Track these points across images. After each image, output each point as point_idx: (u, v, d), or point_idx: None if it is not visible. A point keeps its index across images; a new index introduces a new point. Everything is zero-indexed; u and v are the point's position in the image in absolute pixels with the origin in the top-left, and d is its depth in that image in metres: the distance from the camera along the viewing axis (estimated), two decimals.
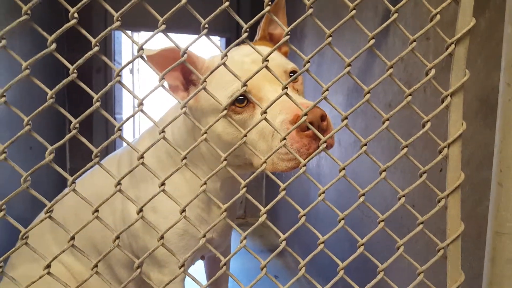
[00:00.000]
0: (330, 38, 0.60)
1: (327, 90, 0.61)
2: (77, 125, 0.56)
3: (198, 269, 1.23)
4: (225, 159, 0.60)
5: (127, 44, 4.53)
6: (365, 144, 0.63)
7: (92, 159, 0.57)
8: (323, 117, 0.70)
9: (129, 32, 4.32)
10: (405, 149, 0.65)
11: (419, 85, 0.64)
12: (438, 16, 0.64)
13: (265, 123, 0.72)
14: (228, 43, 3.08)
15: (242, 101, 0.77)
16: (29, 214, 0.49)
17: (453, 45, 0.63)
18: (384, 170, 0.65)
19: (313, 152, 0.66)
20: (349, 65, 0.61)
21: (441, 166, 0.86)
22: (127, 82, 3.83)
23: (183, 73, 0.84)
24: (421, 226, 0.66)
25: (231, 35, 2.80)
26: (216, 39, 3.60)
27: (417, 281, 0.67)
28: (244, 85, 0.59)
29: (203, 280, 1.93)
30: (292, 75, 0.82)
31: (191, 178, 0.93)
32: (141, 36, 4.28)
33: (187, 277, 1.06)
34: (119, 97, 2.90)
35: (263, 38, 0.93)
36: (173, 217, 0.60)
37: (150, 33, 0.59)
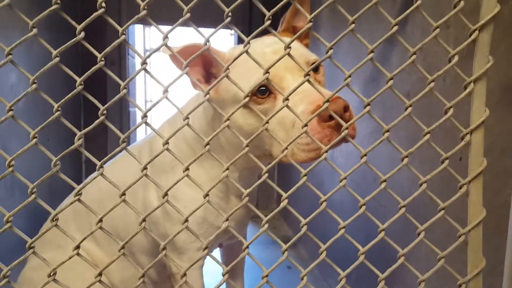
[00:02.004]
0: (353, 25, 0.60)
1: (349, 77, 0.61)
2: (105, 112, 0.57)
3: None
4: (247, 145, 0.61)
5: (139, 38, 4.55)
6: (388, 131, 0.63)
7: (106, 153, 0.58)
8: (346, 108, 0.69)
9: (141, 26, 4.34)
10: (427, 136, 0.65)
11: (442, 71, 0.64)
12: (462, 3, 0.63)
13: (285, 113, 0.73)
14: (240, 38, 3.08)
15: (264, 92, 0.77)
16: (47, 203, 0.51)
17: (477, 31, 0.63)
18: (406, 157, 0.65)
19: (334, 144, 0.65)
20: (372, 51, 0.61)
21: (461, 155, 0.86)
22: (139, 74, 3.85)
23: (204, 67, 0.84)
24: (442, 212, 0.67)
25: (243, 28, 2.80)
26: (229, 32, 3.60)
27: (437, 267, 0.67)
28: (266, 72, 0.60)
29: (218, 271, 1.95)
30: (316, 68, 0.82)
31: (210, 168, 0.94)
32: (153, 30, 4.30)
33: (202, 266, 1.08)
34: (132, 90, 2.93)
35: (286, 30, 0.92)
36: (192, 205, 0.61)
37: (162, 27, 0.60)
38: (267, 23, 0.58)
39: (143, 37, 4.53)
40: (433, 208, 0.92)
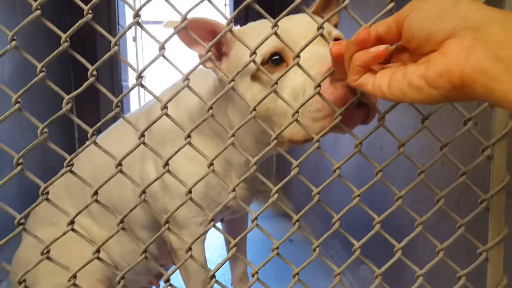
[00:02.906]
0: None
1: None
2: (94, 72, 0.51)
3: (214, 233, 1.22)
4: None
5: (129, 10, 4.38)
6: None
7: (100, 130, 0.52)
8: None
9: None
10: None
11: None
12: None
13: (296, 82, 0.66)
14: (235, 8, 2.97)
15: (278, 61, 0.70)
16: (41, 179, 0.46)
17: None
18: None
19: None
20: None
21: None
22: (130, 50, 3.73)
23: (216, 45, 0.77)
24: (463, 177, 0.62)
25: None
26: (223, 2, 3.47)
27: (458, 234, 0.63)
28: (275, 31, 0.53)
29: (218, 244, 1.94)
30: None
31: (216, 148, 0.88)
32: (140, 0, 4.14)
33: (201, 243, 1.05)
34: (125, 64, 2.83)
35: (315, 13, 0.82)
36: (193, 180, 0.56)
37: None
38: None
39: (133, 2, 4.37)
40: (453, 171, 0.88)
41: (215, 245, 1.89)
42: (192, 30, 0.59)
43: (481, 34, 0.37)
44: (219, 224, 1.25)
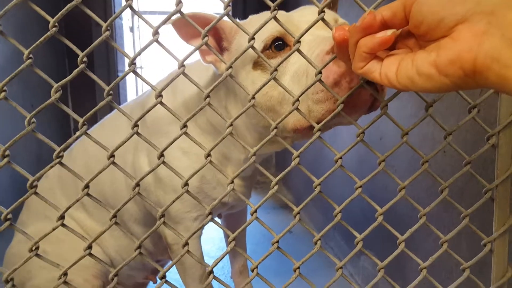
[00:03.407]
0: None
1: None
2: (85, 59, 0.48)
3: (213, 226, 1.20)
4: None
5: None
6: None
7: (96, 120, 0.50)
8: None
9: None
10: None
11: None
12: None
13: (297, 65, 0.64)
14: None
15: (280, 47, 0.67)
16: (35, 171, 0.44)
17: None
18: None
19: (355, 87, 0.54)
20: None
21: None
22: (127, 40, 3.68)
23: (216, 39, 0.74)
24: (468, 166, 0.60)
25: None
26: None
27: (462, 225, 0.61)
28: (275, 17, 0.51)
29: (217, 237, 1.92)
30: None
31: (213, 143, 0.85)
32: None
33: (197, 236, 1.03)
34: (121, 53, 2.79)
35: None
36: (188, 173, 0.53)
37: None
38: None
39: None
40: (458, 161, 0.86)
41: (213, 238, 1.87)
42: (190, 25, 0.56)
43: (495, 18, 0.34)
44: (217, 219, 1.23)
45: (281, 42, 0.67)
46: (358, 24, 0.44)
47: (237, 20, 0.77)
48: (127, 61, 0.51)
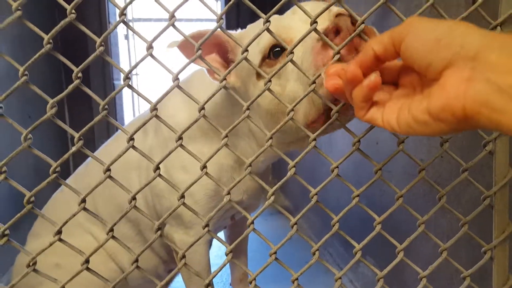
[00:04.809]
0: None
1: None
2: (80, 74, 0.48)
3: (218, 233, 1.20)
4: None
5: (121, 5, 4.32)
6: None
7: (93, 132, 0.50)
8: (353, 20, 0.55)
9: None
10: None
11: (466, 13, 0.56)
12: None
13: (296, 59, 0.63)
14: (227, 3, 2.93)
15: (279, 53, 0.67)
16: (33, 185, 0.44)
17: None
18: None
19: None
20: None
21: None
22: (122, 48, 3.69)
23: (221, 54, 0.74)
24: (465, 173, 0.60)
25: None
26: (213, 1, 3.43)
27: (461, 233, 0.61)
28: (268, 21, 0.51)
29: (216, 244, 1.91)
30: None
31: (232, 148, 0.85)
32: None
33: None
34: (116, 62, 2.79)
35: None
36: (204, 177, 0.53)
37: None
38: None
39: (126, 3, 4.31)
40: (455, 166, 0.86)
41: (213, 245, 1.86)
42: (192, 45, 0.57)
43: (478, 63, 0.35)
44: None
45: (278, 49, 0.67)
46: (344, 78, 0.44)
47: (237, 30, 0.78)
48: (128, 70, 0.50)
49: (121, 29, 2.99)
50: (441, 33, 0.37)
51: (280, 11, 0.75)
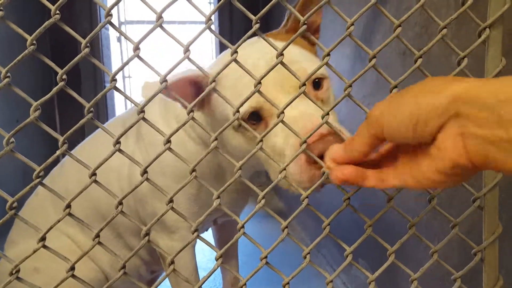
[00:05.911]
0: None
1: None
2: (64, 76, 0.47)
3: (204, 236, 1.19)
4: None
5: (113, 9, 4.30)
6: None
7: (84, 134, 0.49)
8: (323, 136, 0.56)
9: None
10: None
11: (456, 15, 0.56)
12: None
13: (275, 139, 0.64)
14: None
15: (257, 119, 0.67)
16: (21, 189, 0.43)
17: None
18: None
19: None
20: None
21: None
22: (115, 52, 3.66)
23: (198, 92, 0.71)
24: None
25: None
26: (207, 0, 3.42)
27: (452, 235, 0.61)
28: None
29: (207, 248, 1.90)
30: (318, 83, 0.69)
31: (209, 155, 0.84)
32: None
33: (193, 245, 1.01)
34: (108, 65, 2.78)
35: (292, 30, 0.75)
36: (184, 181, 0.53)
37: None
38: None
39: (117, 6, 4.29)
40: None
41: (203, 249, 1.84)
42: (173, 89, 0.59)
43: (461, 119, 0.35)
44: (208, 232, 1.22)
45: (256, 112, 0.67)
46: (345, 178, 0.47)
47: (230, 31, 0.77)
48: (113, 72, 0.50)
49: (113, 32, 2.98)
50: (407, 106, 0.38)
51: (270, 20, 0.75)
